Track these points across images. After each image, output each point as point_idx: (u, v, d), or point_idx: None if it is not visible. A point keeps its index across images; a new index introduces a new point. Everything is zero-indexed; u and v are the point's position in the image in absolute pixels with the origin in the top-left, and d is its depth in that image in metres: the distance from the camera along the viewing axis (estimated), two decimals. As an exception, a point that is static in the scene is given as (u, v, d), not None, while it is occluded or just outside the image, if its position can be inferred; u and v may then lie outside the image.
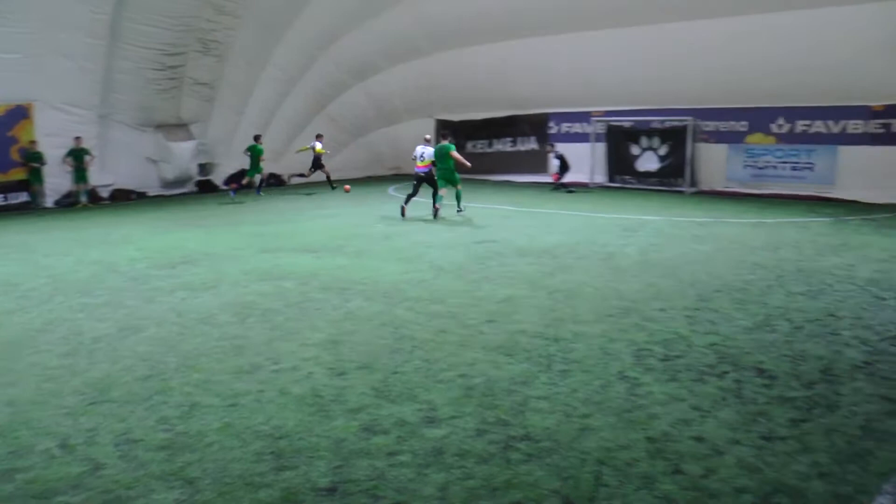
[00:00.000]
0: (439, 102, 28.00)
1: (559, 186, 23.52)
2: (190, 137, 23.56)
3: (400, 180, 27.47)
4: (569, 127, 25.27)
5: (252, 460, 5.10)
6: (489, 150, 27.70)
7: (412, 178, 18.17)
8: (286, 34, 23.50)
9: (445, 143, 17.37)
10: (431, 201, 17.28)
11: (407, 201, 17.55)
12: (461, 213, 17.54)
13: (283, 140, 26.67)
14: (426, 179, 17.57)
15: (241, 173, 24.15)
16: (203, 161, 24.29)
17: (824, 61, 18.80)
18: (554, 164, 24.12)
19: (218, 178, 25.02)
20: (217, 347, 7.65)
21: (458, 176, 17.43)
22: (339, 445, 5.31)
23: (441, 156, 17.13)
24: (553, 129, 25.85)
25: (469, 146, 27.70)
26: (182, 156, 23.30)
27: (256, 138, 23.12)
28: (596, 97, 23.98)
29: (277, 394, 6.33)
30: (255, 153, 22.80)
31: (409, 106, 28.47)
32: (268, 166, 26.13)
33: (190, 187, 24.21)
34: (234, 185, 23.23)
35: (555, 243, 13.58)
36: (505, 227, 15.67)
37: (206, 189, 24.52)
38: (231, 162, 25.11)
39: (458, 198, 17.63)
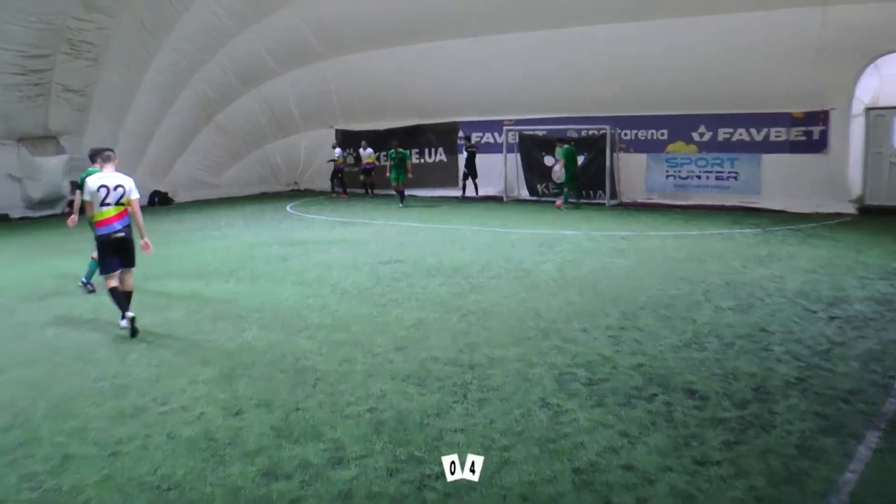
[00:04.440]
0: (339, 111, 27.91)
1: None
2: (60, 151, 22.69)
3: (298, 197, 27.18)
4: (479, 136, 25.47)
5: (135, 517, 4.90)
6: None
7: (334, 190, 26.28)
8: (168, 36, 23.00)
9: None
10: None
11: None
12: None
13: (171, 153, 26.10)
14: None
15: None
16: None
17: (744, 67, 19.61)
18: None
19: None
20: (95, 388, 7.34)
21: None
22: (235, 494, 5.15)
23: (567, 155, 21.58)
24: (462, 139, 25.99)
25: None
26: (51, 172, 22.39)
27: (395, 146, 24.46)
28: (508, 105, 24.28)
29: (165, 439, 6.10)
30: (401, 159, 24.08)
31: (306, 114, 28.24)
32: (153, 182, 25.63)
33: (61, 208, 23.24)
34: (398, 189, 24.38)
35: (466, 261, 13.63)
36: (412, 245, 15.67)
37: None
38: None
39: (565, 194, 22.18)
